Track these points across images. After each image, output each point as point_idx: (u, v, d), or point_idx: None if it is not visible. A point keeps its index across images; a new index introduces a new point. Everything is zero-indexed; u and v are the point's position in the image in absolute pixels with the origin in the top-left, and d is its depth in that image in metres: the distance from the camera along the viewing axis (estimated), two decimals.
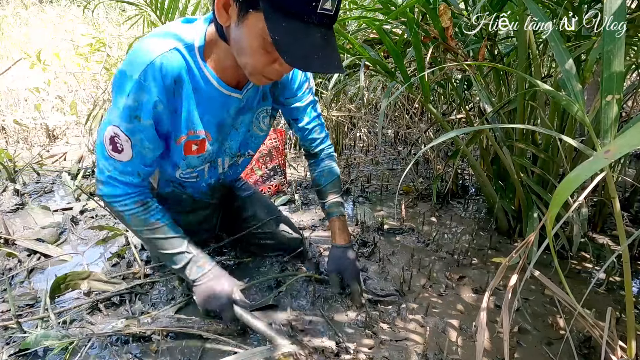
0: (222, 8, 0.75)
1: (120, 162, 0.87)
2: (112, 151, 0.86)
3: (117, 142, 0.85)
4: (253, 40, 0.74)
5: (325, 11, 0.70)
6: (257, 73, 0.81)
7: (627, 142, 0.45)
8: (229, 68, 0.87)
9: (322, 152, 1.21)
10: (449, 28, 1.27)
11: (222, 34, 0.81)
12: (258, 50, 0.75)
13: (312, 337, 1.02)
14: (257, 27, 0.72)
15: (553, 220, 0.56)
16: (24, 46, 4.61)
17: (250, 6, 0.71)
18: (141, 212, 0.93)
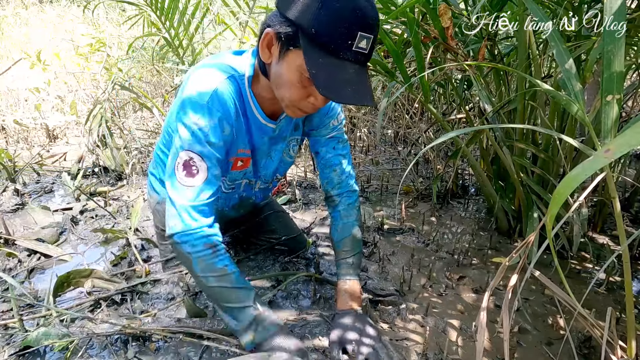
0: (266, 47, 0.82)
1: (192, 188, 0.86)
2: (186, 177, 0.85)
3: (192, 164, 0.86)
4: (292, 75, 0.80)
5: (360, 49, 0.75)
6: (293, 106, 0.85)
7: (626, 142, 0.45)
8: (267, 100, 0.94)
9: (341, 198, 1.12)
10: (449, 28, 1.27)
11: (264, 69, 0.88)
12: (295, 85, 0.81)
13: (311, 337, 1.02)
14: (296, 63, 0.78)
15: (553, 220, 0.56)
16: (24, 46, 4.61)
17: (291, 44, 0.77)
18: (209, 255, 0.87)
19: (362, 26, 0.72)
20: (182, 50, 2.45)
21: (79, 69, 3.28)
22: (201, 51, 2.51)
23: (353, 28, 0.72)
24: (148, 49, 3.19)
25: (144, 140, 2.62)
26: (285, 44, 0.78)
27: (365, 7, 0.72)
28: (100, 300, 1.11)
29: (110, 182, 2.15)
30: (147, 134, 2.82)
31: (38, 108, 2.94)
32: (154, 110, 2.60)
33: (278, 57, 0.80)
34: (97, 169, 2.24)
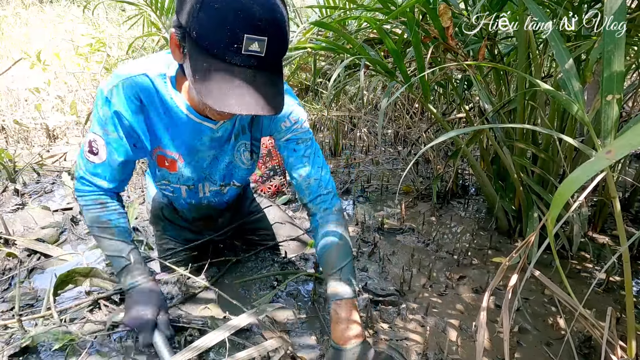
0: (176, 46, 0.75)
1: (92, 164, 0.95)
2: (88, 152, 0.94)
3: (94, 145, 0.93)
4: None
5: (253, 52, 0.69)
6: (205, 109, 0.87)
7: (628, 142, 0.45)
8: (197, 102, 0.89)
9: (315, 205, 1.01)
10: (449, 28, 1.27)
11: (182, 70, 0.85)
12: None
13: (311, 337, 1.02)
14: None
15: (554, 221, 0.56)
16: (24, 46, 4.61)
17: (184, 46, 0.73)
18: (98, 209, 0.98)
19: (248, 28, 0.66)
20: None
21: (79, 69, 3.28)
22: None
23: (236, 31, 0.66)
24: (148, 49, 3.19)
25: None
26: (182, 48, 0.74)
27: (250, 7, 0.66)
28: (99, 300, 1.11)
29: None
30: None
31: (38, 108, 2.93)
32: None
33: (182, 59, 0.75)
34: None
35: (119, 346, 0.96)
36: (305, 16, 2.85)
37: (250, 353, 0.87)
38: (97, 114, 0.90)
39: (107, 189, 0.98)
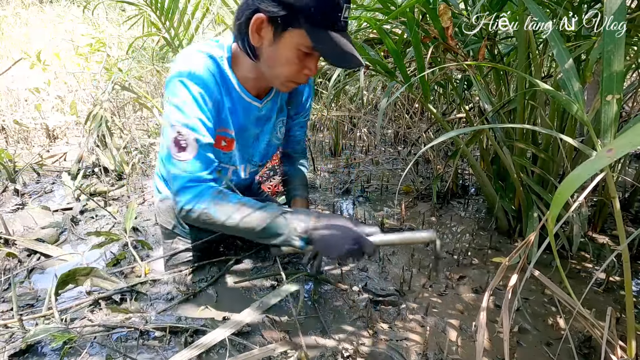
0: (255, 31, 0.87)
1: (188, 162, 0.90)
2: (178, 153, 0.90)
3: (180, 139, 0.90)
4: (289, 53, 0.88)
5: (345, 19, 0.85)
6: (288, 81, 0.94)
7: (628, 142, 0.45)
8: (251, 80, 1.00)
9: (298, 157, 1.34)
10: (449, 28, 1.27)
11: (252, 52, 0.93)
12: (293, 60, 0.89)
13: (311, 337, 1.02)
14: (293, 41, 0.86)
15: (554, 220, 0.56)
16: (24, 46, 4.61)
17: (289, 25, 0.84)
18: (221, 199, 0.91)
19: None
20: None
21: (79, 69, 3.28)
22: None
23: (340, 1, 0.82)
24: (148, 49, 3.19)
25: (144, 140, 2.62)
26: (281, 26, 0.84)
27: None
28: (99, 300, 1.11)
29: (110, 182, 2.15)
30: (147, 134, 2.83)
31: (38, 108, 2.93)
32: (154, 110, 2.60)
33: (272, 39, 0.87)
34: (97, 169, 2.24)
35: (119, 346, 0.96)
36: None
37: (255, 354, 0.87)
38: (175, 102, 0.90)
39: (209, 180, 0.94)
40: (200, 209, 0.90)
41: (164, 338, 0.99)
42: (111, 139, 2.24)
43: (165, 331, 0.99)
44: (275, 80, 0.95)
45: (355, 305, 1.14)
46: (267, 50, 0.89)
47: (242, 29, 0.90)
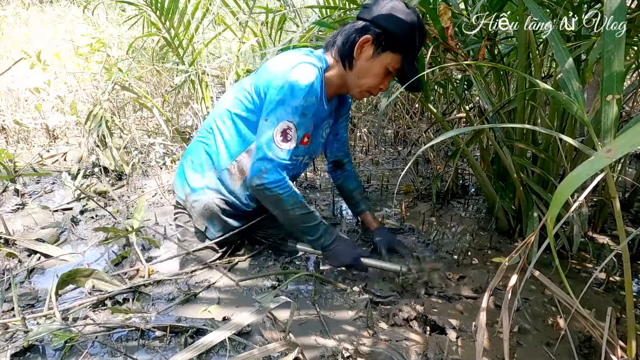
0: (359, 46, 1.13)
1: (286, 151, 1.11)
2: (282, 142, 1.10)
3: (289, 133, 1.10)
4: (379, 69, 1.15)
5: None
6: (366, 90, 1.20)
7: (628, 142, 0.45)
8: (333, 85, 1.22)
9: (348, 163, 1.54)
10: (449, 28, 1.27)
11: (349, 63, 1.16)
12: (379, 76, 1.16)
13: (311, 337, 1.02)
14: (387, 61, 1.13)
15: (554, 220, 0.56)
16: (24, 46, 4.61)
17: (389, 49, 1.12)
18: (295, 194, 1.15)
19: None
20: (182, 50, 2.45)
21: (79, 69, 3.28)
22: (201, 51, 2.51)
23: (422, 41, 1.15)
24: (148, 49, 3.19)
25: (144, 140, 2.62)
26: (382, 48, 1.11)
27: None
28: (104, 300, 1.11)
29: (110, 182, 2.15)
30: (147, 134, 2.82)
31: (38, 108, 2.93)
32: (154, 110, 2.60)
33: (371, 56, 1.13)
34: (97, 169, 2.24)
35: (120, 346, 0.96)
36: (305, 16, 2.85)
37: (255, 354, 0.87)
38: (294, 104, 1.09)
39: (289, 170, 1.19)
40: (277, 192, 1.12)
41: (165, 338, 0.99)
42: (111, 139, 2.24)
43: (165, 331, 0.99)
44: (355, 89, 1.20)
45: (355, 305, 1.14)
46: (362, 63, 1.14)
47: (347, 44, 1.14)
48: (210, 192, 1.26)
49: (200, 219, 1.29)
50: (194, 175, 1.28)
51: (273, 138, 1.10)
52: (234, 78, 2.34)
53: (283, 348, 0.91)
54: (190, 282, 1.23)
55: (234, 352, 0.94)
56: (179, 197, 1.34)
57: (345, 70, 1.18)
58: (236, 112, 1.21)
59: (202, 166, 1.28)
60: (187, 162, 1.31)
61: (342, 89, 1.23)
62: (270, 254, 1.42)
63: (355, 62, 1.15)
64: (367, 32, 1.11)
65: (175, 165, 2.44)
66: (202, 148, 1.28)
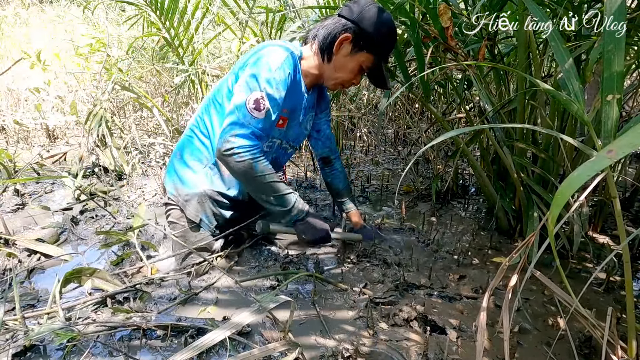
0: (339, 43, 1.20)
1: (258, 120, 1.13)
2: (254, 109, 1.13)
3: (261, 102, 1.13)
4: (354, 66, 1.24)
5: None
6: (339, 84, 1.29)
7: (629, 142, 0.45)
8: (311, 75, 1.29)
9: (336, 159, 1.57)
10: (449, 28, 1.27)
11: (328, 56, 1.24)
12: (353, 72, 1.26)
13: (311, 337, 1.02)
14: (361, 60, 1.23)
15: (555, 220, 0.56)
16: (24, 46, 4.61)
17: (365, 49, 1.21)
18: (264, 160, 1.16)
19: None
20: (182, 50, 2.45)
21: (79, 69, 3.28)
22: (201, 51, 2.51)
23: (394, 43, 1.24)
24: (148, 49, 3.19)
25: (144, 140, 2.62)
26: (359, 47, 1.20)
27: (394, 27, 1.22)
28: (105, 299, 1.11)
29: (110, 182, 2.15)
30: (147, 134, 2.82)
31: (38, 108, 2.93)
32: (154, 110, 2.60)
33: (349, 52, 1.21)
34: (97, 169, 2.24)
35: (121, 345, 0.96)
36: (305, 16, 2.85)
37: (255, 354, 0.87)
38: (268, 76, 1.13)
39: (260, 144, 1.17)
40: (247, 157, 1.12)
41: (166, 338, 0.99)
42: (111, 139, 2.24)
43: (167, 330, 0.99)
44: (330, 80, 1.28)
45: (356, 305, 1.14)
46: (340, 58, 1.23)
47: (328, 38, 1.21)
48: (202, 184, 1.29)
49: (193, 212, 1.31)
50: (185, 170, 1.31)
51: (246, 104, 1.12)
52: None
53: (283, 348, 0.91)
54: (191, 282, 1.23)
55: (234, 352, 0.94)
56: (170, 193, 1.35)
57: (324, 62, 1.25)
58: (219, 101, 1.26)
59: (192, 160, 1.31)
60: (176, 159, 1.34)
61: (319, 79, 1.30)
62: (271, 254, 1.41)
63: (334, 57, 1.23)
64: (347, 31, 1.19)
65: None
66: (190, 143, 1.32)
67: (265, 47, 1.19)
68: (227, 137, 1.12)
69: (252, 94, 1.13)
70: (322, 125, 1.52)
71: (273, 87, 1.14)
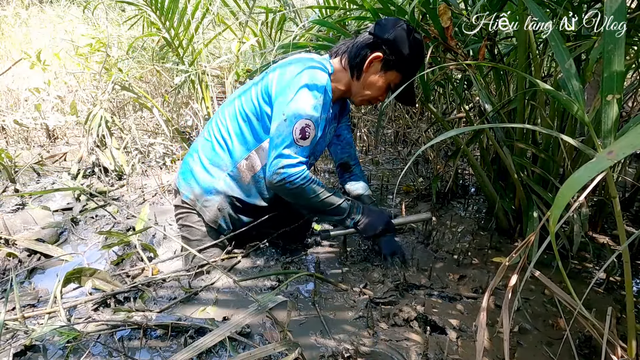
0: (370, 62, 1.22)
1: (304, 148, 1.16)
2: (300, 139, 1.15)
3: (307, 130, 1.15)
4: (383, 84, 1.25)
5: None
6: (366, 100, 1.30)
7: (629, 143, 0.45)
8: (338, 90, 1.30)
9: (356, 166, 1.56)
10: (449, 28, 1.27)
11: (358, 73, 1.25)
12: (381, 89, 1.26)
13: (311, 337, 1.02)
14: (391, 79, 1.25)
15: (556, 221, 0.56)
16: (24, 46, 4.61)
17: (395, 68, 1.23)
18: (314, 181, 1.20)
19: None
20: (182, 50, 2.45)
21: (79, 69, 3.28)
22: (201, 51, 2.51)
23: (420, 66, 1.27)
24: (148, 49, 3.19)
25: (144, 140, 2.62)
26: (390, 67, 1.22)
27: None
28: (106, 298, 1.12)
29: (110, 182, 2.15)
30: (147, 134, 2.82)
31: (38, 108, 2.93)
32: (154, 110, 2.60)
33: (379, 71, 1.23)
34: (97, 169, 2.24)
35: (122, 346, 0.96)
36: (305, 16, 2.85)
37: (255, 354, 0.87)
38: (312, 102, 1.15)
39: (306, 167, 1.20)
40: (299, 183, 1.16)
41: (166, 337, 0.99)
42: (111, 139, 2.24)
43: (167, 329, 0.99)
44: (358, 97, 1.30)
45: (356, 305, 1.14)
46: (370, 76, 1.24)
47: (359, 56, 1.23)
48: (222, 190, 1.30)
49: (212, 217, 1.32)
50: (203, 175, 1.31)
51: (292, 135, 1.14)
52: (234, 78, 2.34)
53: (283, 348, 0.91)
54: (192, 281, 1.23)
55: (233, 352, 0.94)
56: (186, 197, 1.34)
57: (353, 79, 1.26)
58: (245, 112, 1.26)
59: (211, 165, 1.30)
60: (193, 161, 1.33)
61: (346, 94, 1.32)
62: (273, 252, 1.42)
63: (363, 74, 1.24)
64: (378, 50, 1.20)
65: (175, 166, 2.44)
66: (210, 147, 1.31)
67: (304, 66, 1.18)
68: (277, 170, 1.15)
69: (298, 123, 1.14)
70: (343, 131, 1.53)
71: (318, 112, 1.16)
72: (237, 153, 1.28)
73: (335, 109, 1.38)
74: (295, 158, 1.15)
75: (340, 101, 1.39)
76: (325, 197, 1.21)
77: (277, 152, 1.14)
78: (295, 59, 1.22)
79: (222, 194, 1.30)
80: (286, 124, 1.14)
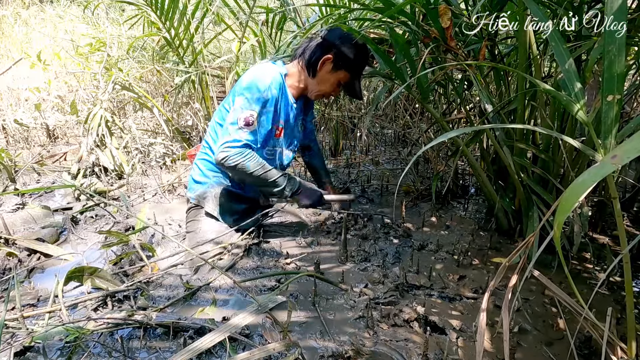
0: (323, 62, 1.43)
1: (249, 132, 1.36)
2: (244, 125, 1.35)
3: (250, 119, 1.36)
4: (334, 80, 1.47)
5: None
6: (321, 95, 1.53)
7: (633, 147, 0.45)
8: (296, 88, 1.51)
9: (314, 145, 1.87)
10: (449, 28, 1.27)
11: (313, 72, 1.46)
12: (333, 85, 1.49)
13: (311, 337, 1.02)
14: (340, 77, 1.46)
15: (561, 227, 0.56)
16: (24, 46, 4.61)
17: (343, 68, 1.44)
18: (256, 157, 1.38)
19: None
20: (182, 50, 2.45)
21: (79, 69, 3.28)
22: (201, 51, 2.51)
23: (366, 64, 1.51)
24: (148, 48, 3.19)
25: (144, 140, 2.61)
26: (339, 66, 1.43)
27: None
28: (106, 298, 1.12)
29: (110, 182, 2.15)
30: (147, 134, 2.82)
31: (38, 108, 2.93)
32: (154, 110, 2.59)
33: (330, 70, 1.44)
34: (97, 169, 2.24)
35: (121, 346, 0.96)
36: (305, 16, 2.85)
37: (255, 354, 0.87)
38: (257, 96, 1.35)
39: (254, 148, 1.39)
40: (239, 159, 1.34)
41: (166, 337, 0.99)
42: (111, 139, 2.24)
43: (168, 328, 0.99)
44: (313, 92, 1.51)
45: (356, 306, 1.14)
46: (323, 74, 1.46)
47: (313, 57, 1.43)
48: (215, 184, 1.55)
49: (212, 206, 1.54)
50: (201, 178, 1.57)
51: (237, 122, 1.35)
52: (234, 78, 2.34)
53: (283, 348, 0.91)
54: (192, 281, 1.23)
55: (233, 352, 0.94)
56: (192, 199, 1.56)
57: (309, 77, 1.48)
58: (220, 122, 1.50)
59: (207, 170, 1.57)
60: (195, 171, 1.60)
61: (304, 91, 1.54)
62: (272, 253, 1.41)
63: (317, 73, 1.46)
64: (329, 52, 1.42)
65: (175, 165, 2.44)
66: (203, 155, 1.59)
67: (256, 68, 1.42)
68: (221, 149, 1.35)
69: (243, 113, 1.35)
70: (307, 124, 1.77)
71: (263, 105, 1.37)
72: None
73: (300, 105, 1.58)
74: (238, 141, 1.34)
75: (303, 98, 1.58)
76: (264, 172, 1.39)
77: (226, 136, 1.36)
78: (252, 67, 1.45)
79: (215, 185, 1.54)
80: (235, 112, 1.36)
